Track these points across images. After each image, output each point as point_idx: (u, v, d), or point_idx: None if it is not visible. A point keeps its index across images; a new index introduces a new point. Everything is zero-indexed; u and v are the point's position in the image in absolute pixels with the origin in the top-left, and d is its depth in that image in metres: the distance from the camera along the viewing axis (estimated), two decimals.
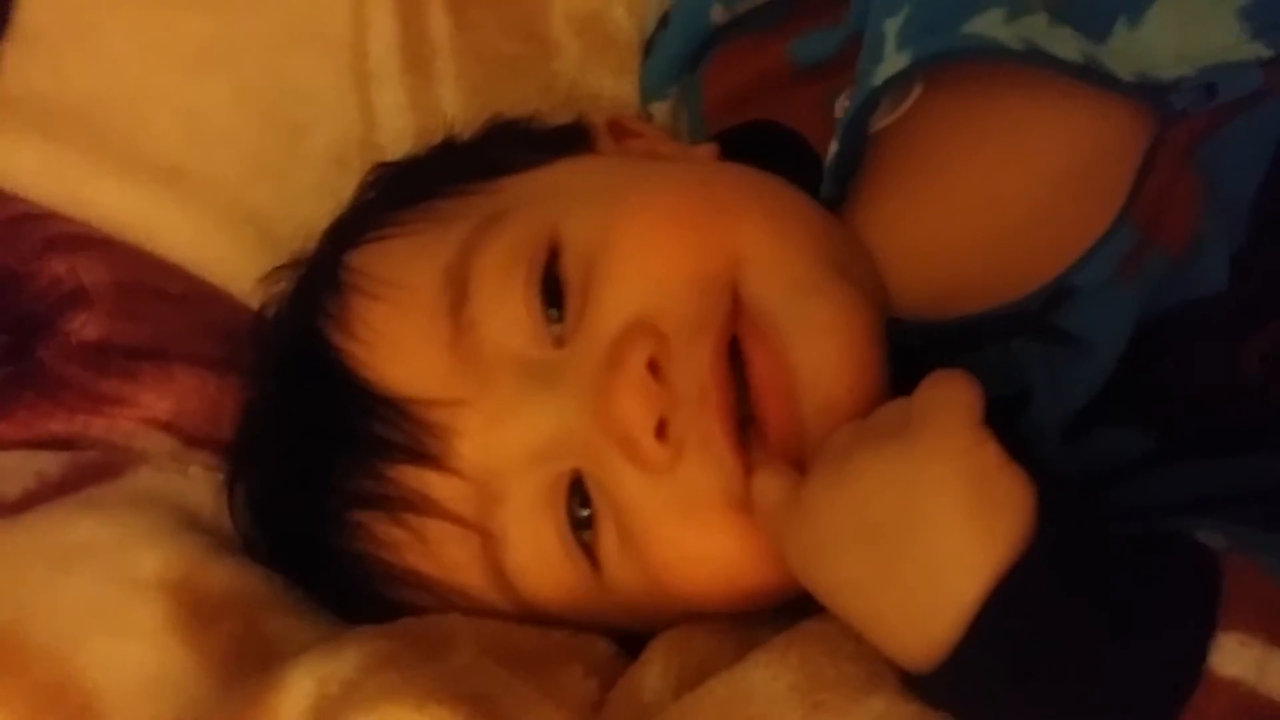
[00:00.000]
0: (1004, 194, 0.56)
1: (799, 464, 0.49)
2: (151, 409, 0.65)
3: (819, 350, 0.51)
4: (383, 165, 0.66)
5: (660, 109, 0.70)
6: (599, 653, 0.53)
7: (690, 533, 0.52)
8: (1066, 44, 0.53)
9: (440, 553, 0.54)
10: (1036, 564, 0.43)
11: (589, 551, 0.53)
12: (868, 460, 0.46)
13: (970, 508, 0.44)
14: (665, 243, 0.53)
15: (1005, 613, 0.43)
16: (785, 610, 0.53)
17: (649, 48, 0.70)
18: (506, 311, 0.53)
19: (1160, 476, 0.53)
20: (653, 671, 0.51)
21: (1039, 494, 0.44)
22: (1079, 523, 0.45)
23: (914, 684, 0.46)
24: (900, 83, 0.55)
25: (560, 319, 0.53)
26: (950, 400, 0.46)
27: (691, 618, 0.54)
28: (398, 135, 0.69)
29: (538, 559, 0.53)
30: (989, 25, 0.53)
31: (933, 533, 0.44)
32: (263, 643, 0.55)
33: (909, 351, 0.53)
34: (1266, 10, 0.52)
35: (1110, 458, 0.53)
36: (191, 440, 0.65)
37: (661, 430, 0.50)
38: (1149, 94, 0.52)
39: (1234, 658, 0.42)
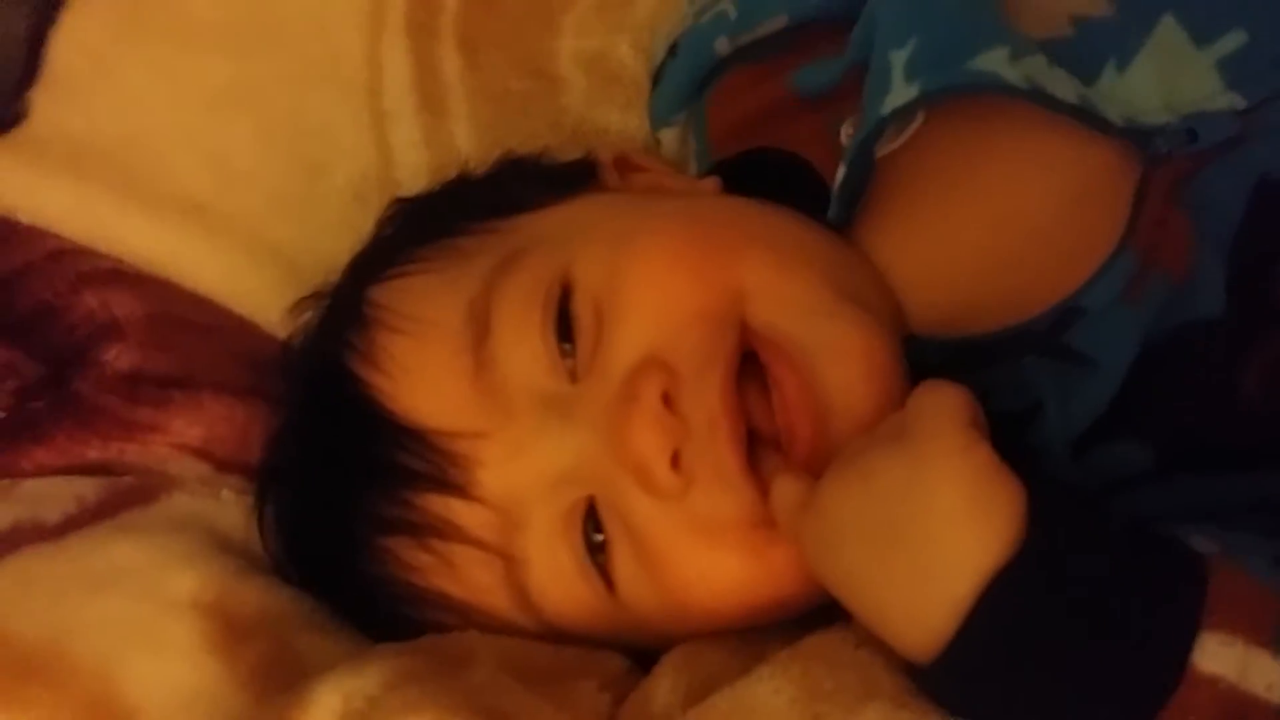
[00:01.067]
0: (1008, 218, 0.58)
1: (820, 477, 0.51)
2: (182, 435, 0.67)
3: (847, 373, 0.53)
4: (401, 200, 0.68)
5: (669, 135, 0.72)
6: (612, 668, 0.55)
7: (705, 553, 0.54)
8: (1064, 85, 0.55)
9: (466, 576, 0.56)
10: (1026, 563, 0.46)
11: (604, 573, 0.55)
12: (873, 462, 0.49)
13: (964, 507, 0.46)
14: (670, 282, 0.55)
15: (996, 610, 0.45)
16: (794, 625, 0.55)
17: (658, 76, 0.72)
18: (525, 348, 0.55)
19: (1161, 490, 0.55)
20: (663, 686, 0.53)
21: (1031, 494, 0.47)
22: (1070, 523, 0.47)
23: (916, 676, 0.48)
24: (906, 112, 0.57)
25: (575, 354, 0.55)
26: (939, 404, 0.49)
27: (703, 634, 0.56)
28: (414, 171, 0.71)
29: (557, 581, 0.55)
30: (995, 63, 0.55)
31: (928, 530, 0.47)
32: (294, 660, 0.57)
33: (924, 369, 0.54)
34: (1242, 65, 0.55)
35: (1113, 472, 0.56)
36: (222, 465, 0.68)
37: (676, 460, 0.53)
38: (1136, 136, 0.55)
39: (1215, 656, 0.44)
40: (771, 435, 0.54)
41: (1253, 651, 0.45)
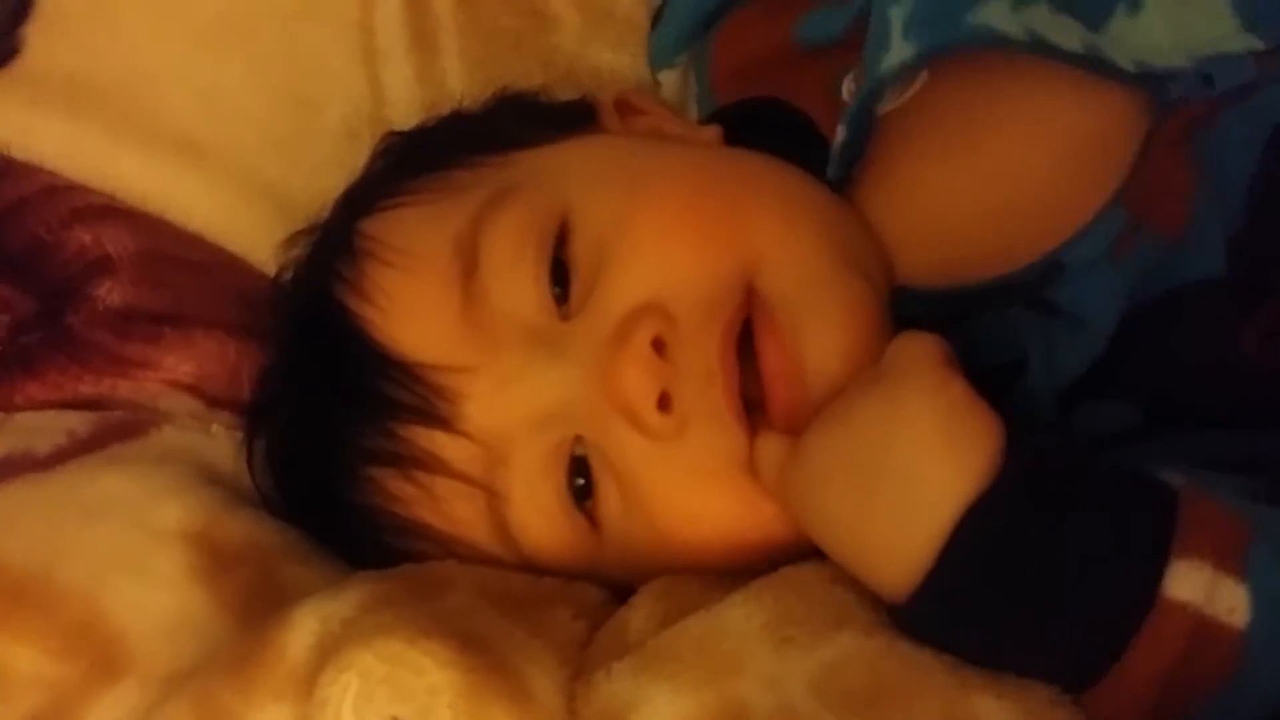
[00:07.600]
0: (1005, 174, 0.57)
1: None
2: (173, 371, 0.68)
3: (830, 343, 0.53)
4: (393, 135, 0.68)
5: (669, 77, 0.72)
6: (589, 598, 0.56)
7: (695, 496, 0.54)
8: (1068, 34, 0.54)
9: (448, 508, 0.57)
10: (1003, 492, 0.46)
11: (587, 513, 0.56)
12: (851, 404, 0.49)
13: (941, 439, 0.47)
14: (683, 233, 0.55)
15: (973, 537, 0.46)
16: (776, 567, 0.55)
17: (658, 15, 0.72)
18: (516, 284, 0.55)
19: (1148, 447, 0.55)
20: (639, 614, 0.53)
21: (1007, 426, 0.47)
22: (1044, 454, 0.47)
23: (897, 616, 0.48)
24: (905, 71, 0.57)
25: (564, 296, 0.55)
26: (913, 347, 0.49)
27: (683, 570, 0.56)
28: (406, 109, 0.71)
29: (538, 517, 0.56)
30: (994, 15, 0.54)
31: (907, 463, 0.47)
32: (276, 589, 0.57)
33: (911, 320, 0.55)
34: (1259, 4, 0.53)
35: (1100, 428, 0.55)
36: (213, 401, 0.68)
37: (664, 403, 0.53)
38: (1148, 82, 0.54)
39: (1185, 582, 0.45)
40: (758, 400, 0.54)
41: (1220, 576, 0.45)
